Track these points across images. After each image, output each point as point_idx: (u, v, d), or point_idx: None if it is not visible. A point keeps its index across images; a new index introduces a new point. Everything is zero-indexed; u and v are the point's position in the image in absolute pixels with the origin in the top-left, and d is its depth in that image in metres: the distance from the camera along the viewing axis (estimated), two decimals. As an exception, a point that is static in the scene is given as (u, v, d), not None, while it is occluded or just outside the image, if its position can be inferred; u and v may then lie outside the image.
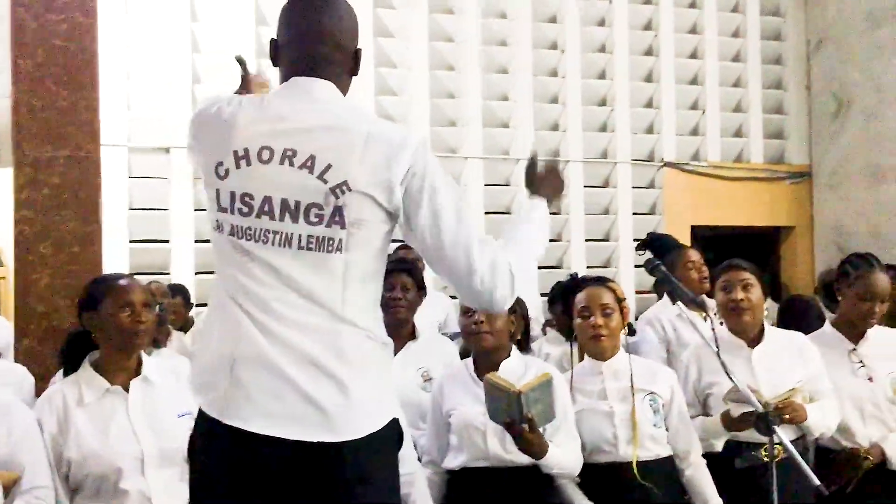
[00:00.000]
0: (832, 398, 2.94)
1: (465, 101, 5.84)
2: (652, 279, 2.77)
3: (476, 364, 2.75)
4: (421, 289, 3.19)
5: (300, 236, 1.69)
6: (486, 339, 2.67)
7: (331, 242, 1.69)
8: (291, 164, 1.69)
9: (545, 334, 4.45)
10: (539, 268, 5.91)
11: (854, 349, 3.11)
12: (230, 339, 1.69)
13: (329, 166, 1.69)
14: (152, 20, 5.19)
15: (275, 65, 1.84)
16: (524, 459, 2.54)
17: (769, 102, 6.77)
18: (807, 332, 3.19)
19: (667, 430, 2.75)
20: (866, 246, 6.20)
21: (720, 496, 2.78)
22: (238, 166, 1.71)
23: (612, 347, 2.81)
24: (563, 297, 4.00)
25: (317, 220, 1.69)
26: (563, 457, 2.59)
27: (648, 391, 2.74)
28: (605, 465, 2.70)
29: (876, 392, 3.04)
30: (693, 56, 6.53)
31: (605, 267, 6.15)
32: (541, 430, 2.50)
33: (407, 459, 2.30)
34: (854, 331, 3.13)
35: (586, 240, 6.17)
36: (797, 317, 4.05)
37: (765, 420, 2.42)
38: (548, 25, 6.12)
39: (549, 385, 2.46)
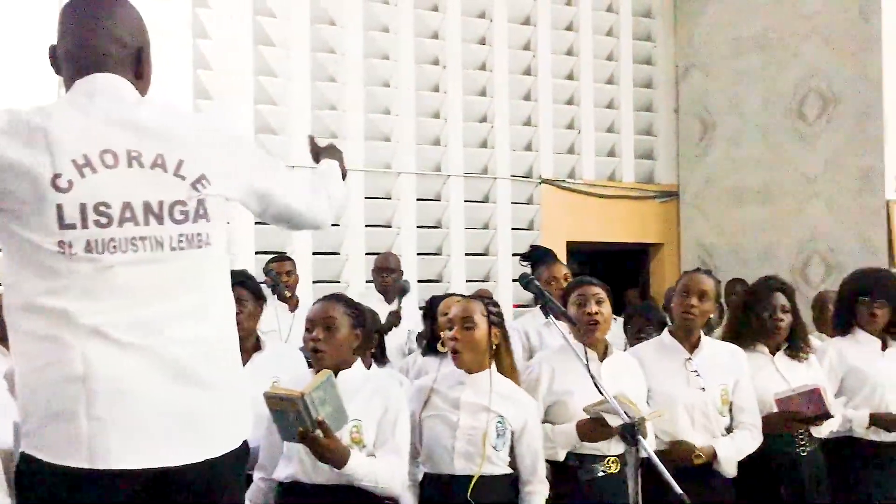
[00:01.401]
0: (659, 417, 3.07)
1: (346, 114, 5.83)
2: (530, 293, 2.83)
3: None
4: (259, 298, 3.14)
5: (171, 237, 1.65)
6: (321, 361, 2.60)
7: (199, 238, 1.68)
8: (141, 165, 1.64)
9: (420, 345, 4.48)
10: (419, 281, 5.98)
11: (690, 358, 3.27)
12: (73, 370, 1.57)
13: (181, 161, 1.67)
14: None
15: (58, 72, 1.76)
16: (334, 477, 2.46)
17: (640, 124, 7.06)
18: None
19: (511, 455, 2.77)
20: (728, 262, 6.57)
21: None
22: (82, 175, 1.60)
23: (474, 361, 2.80)
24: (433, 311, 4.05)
25: (182, 217, 1.66)
26: (375, 468, 2.51)
27: (499, 414, 2.75)
28: (436, 475, 2.73)
29: (707, 401, 3.20)
30: (569, 77, 6.74)
31: (484, 281, 6.25)
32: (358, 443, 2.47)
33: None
34: (689, 338, 3.29)
35: (466, 254, 6.25)
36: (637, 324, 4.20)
37: (631, 430, 2.49)
38: (430, 41, 6.19)
39: (331, 382, 2.35)
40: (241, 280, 3.09)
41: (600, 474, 2.90)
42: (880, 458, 3.60)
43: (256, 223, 5.44)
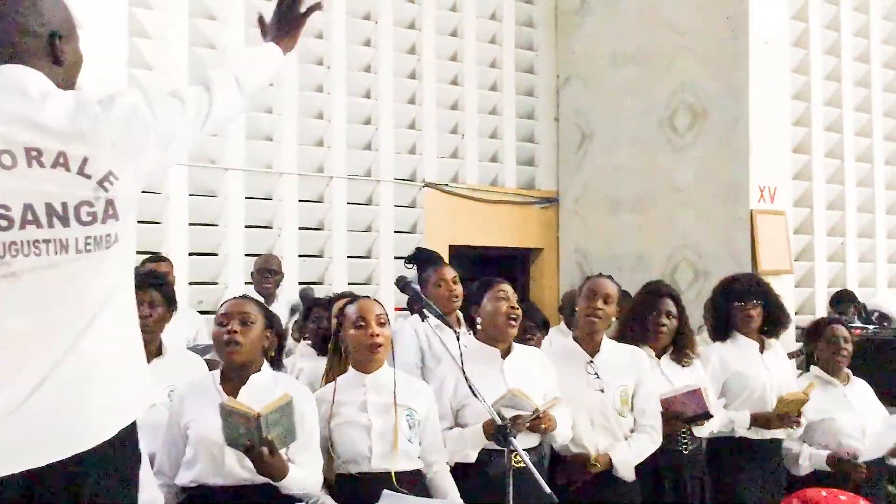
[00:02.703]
0: (566, 408, 3.16)
1: (227, 112, 5.67)
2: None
3: (224, 377, 2.67)
4: (171, 304, 3.06)
5: (77, 239, 1.59)
6: (237, 354, 2.60)
7: (108, 238, 1.61)
8: (42, 165, 1.57)
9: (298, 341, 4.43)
10: (299, 283, 5.89)
11: (591, 361, 3.36)
12: None
13: (86, 159, 1.60)
14: None
15: None
16: (260, 478, 2.49)
17: (522, 131, 7.19)
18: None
19: (420, 444, 2.83)
20: (604, 268, 6.73)
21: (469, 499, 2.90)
22: None
23: (381, 360, 2.85)
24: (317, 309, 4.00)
25: (90, 218, 1.60)
26: (304, 478, 2.57)
27: (408, 406, 2.81)
28: (357, 475, 2.73)
29: (606, 403, 3.31)
30: (454, 83, 6.80)
31: (366, 284, 6.22)
32: (282, 451, 2.48)
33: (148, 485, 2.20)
34: (591, 341, 3.39)
35: (348, 256, 6.21)
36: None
37: (502, 432, 2.54)
38: (314, 41, 6.11)
39: (289, 406, 2.42)
40: (156, 283, 3.02)
41: (509, 468, 2.93)
42: (759, 456, 3.79)
43: (129, 222, 5.25)
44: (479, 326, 3.17)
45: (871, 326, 6.10)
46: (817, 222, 7.13)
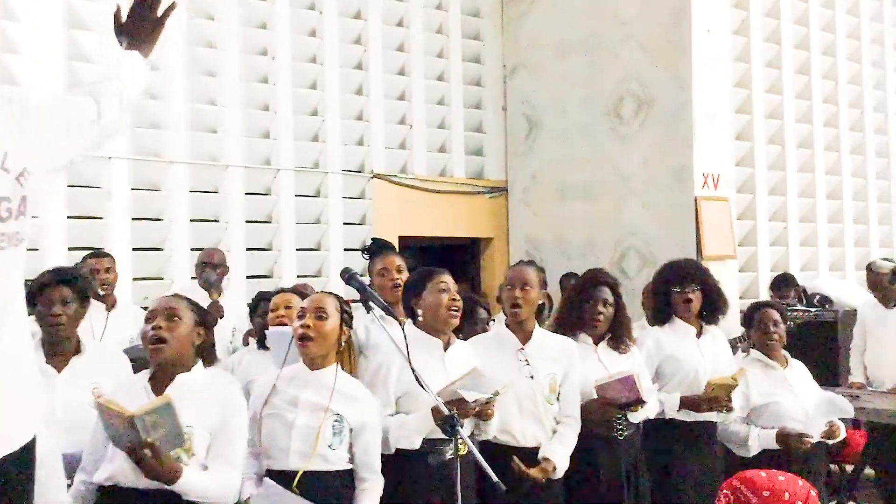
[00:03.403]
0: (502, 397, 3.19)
1: (170, 104, 5.59)
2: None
3: (153, 376, 2.62)
4: (84, 299, 3.00)
5: None
6: (160, 352, 2.55)
7: (17, 235, 1.58)
8: None
9: (246, 343, 4.39)
10: (248, 277, 5.83)
11: (522, 348, 3.39)
12: None
13: (6, 154, 1.56)
14: None
15: None
16: (158, 483, 2.41)
17: (470, 121, 7.19)
18: (471, 331, 3.49)
19: (351, 453, 2.80)
20: (553, 256, 6.82)
21: (415, 491, 2.91)
22: None
23: (320, 354, 2.81)
24: (265, 305, 3.97)
25: (7, 214, 1.56)
26: (208, 484, 2.48)
27: (337, 413, 2.76)
28: (275, 471, 2.72)
29: (535, 390, 3.34)
30: (400, 73, 6.77)
31: (315, 276, 6.18)
32: (173, 453, 2.41)
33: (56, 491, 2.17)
34: (522, 329, 3.42)
35: (297, 249, 6.16)
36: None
37: (450, 422, 2.55)
38: (258, 31, 6.04)
39: (168, 408, 2.33)
40: (66, 279, 2.94)
41: (450, 456, 2.93)
42: (692, 438, 3.86)
43: (69, 217, 5.14)
44: (419, 318, 3.16)
45: (812, 309, 6.24)
46: (760, 208, 7.27)
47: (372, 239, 5.14)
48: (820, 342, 5.98)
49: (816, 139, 7.89)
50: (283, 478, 2.68)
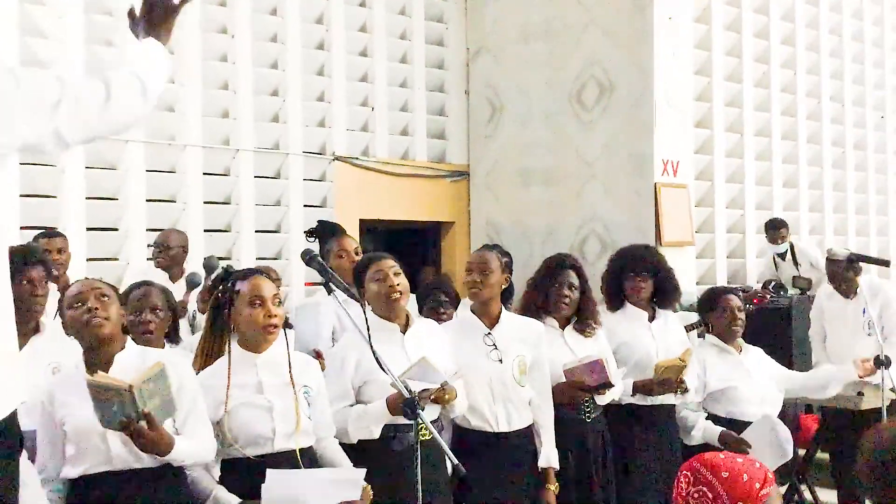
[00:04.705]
0: (460, 380, 3.19)
1: (126, 81, 5.46)
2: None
3: (87, 363, 2.55)
4: (50, 279, 2.96)
5: None
6: (103, 327, 2.50)
7: None
8: None
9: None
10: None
11: (489, 333, 3.40)
12: None
13: None
14: None
15: None
16: (151, 459, 2.43)
17: (433, 104, 7.15)
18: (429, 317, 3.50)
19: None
20: (515, 240, 6.82)
21: (382, 476, 2.90)
22: None
23: (272, 341, 2.79)
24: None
25: None
26: (194, 447, 2.51)
27: (304, 385, 2.77)
28: (257, 458, 2.68)
29: (504, 373, 3.36)
30: (363, 54, 6.71)
31: (275, 259, 6.12)
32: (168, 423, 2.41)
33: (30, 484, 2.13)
34: (488, 313, 3.42)
35: (256, 231, 6.09)
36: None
37: (411, 405, 2.54)
38: (217, 8, 5.94)
39: (163, 374, 2.33)
40: (38, 260, 2.92)
41: (413, 443, 2.93)
42: (651, 422, 3.91)
43: (22, 195, 5.02)
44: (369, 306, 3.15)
45: (768, 296, 6.33)
46: (718, 195, 7.36)
47: (318, 222, 5.10)
48: (773, 328, 6.08)
49: (774, 128, 7.99)
50: (273, 461, 2.65)
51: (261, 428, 2.69)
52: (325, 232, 4.19)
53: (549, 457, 3.41)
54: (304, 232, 4.52)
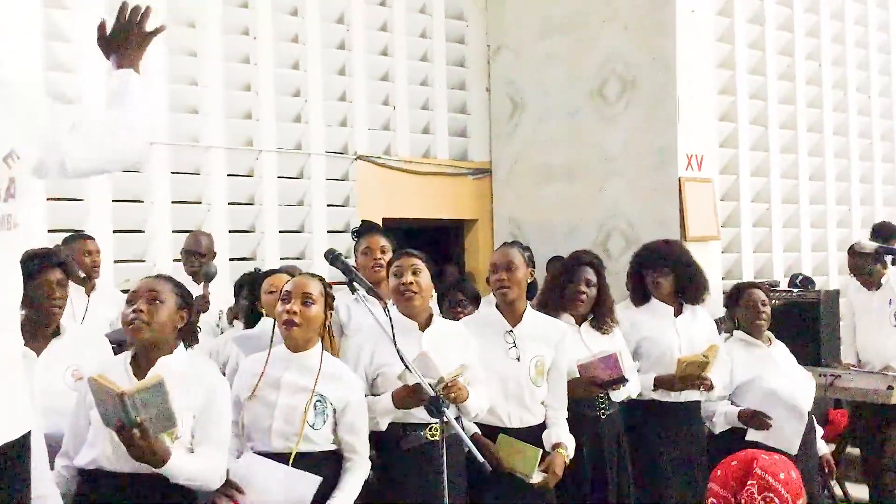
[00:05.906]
0: (483, 383, 3.18)
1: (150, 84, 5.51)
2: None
3: (134, 359, 2.60)
4: (68, 284, 2.98)
5: None
6: (139, 333, 2.53)
7: (9, 219, 1.56)
8: None
9: (231, 324, 4.37)
10: (230, 259, 5.80)
11: (511, 330, 3.39)
12: None
13: None
14: None
15: None
16: (143, 467, 2.40)
17: (454, 102, 7.15)
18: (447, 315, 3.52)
19: (335, 433, 2.80)
20: (537, 237, 6.81)
21: (388, 474, 2.91)
22: None
23: (303, 338, 2.80)
24: (250, 286, 3.95)
25: None
26: (197, 469, 2.48)
27: (319, 393, 2.76)
28: (260, 455, 2.71)
29: (520, 372, 3.35)
30: (384, 53, 6.72)
31: (298, 258, 6.15)
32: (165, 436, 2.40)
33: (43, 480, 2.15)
34: (512, 311, 3.42)
35: (280, 231, 6.12)
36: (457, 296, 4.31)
37: (436, 404, 2.55)
38: (239, 10, 5.97)
39: (160, 388, 2.31)
40: (61, 263, 2.93)
41: (423, 441, 2.95)
42: (673, 418, 3.89)
43: (49, 199, 5.08)
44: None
45: (795, 290, 6.28)
46: (743, 189, 7.29)
47: (362, 221, 5.12)
48: (801, 323, 6.01)
49: (799, 120, 7.90)
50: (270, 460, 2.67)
51: (261, 422, 2.72)
52: (362, 231, 4.21)
53: (559, 434, 3.36)
54: (350, 231, 4.58)
